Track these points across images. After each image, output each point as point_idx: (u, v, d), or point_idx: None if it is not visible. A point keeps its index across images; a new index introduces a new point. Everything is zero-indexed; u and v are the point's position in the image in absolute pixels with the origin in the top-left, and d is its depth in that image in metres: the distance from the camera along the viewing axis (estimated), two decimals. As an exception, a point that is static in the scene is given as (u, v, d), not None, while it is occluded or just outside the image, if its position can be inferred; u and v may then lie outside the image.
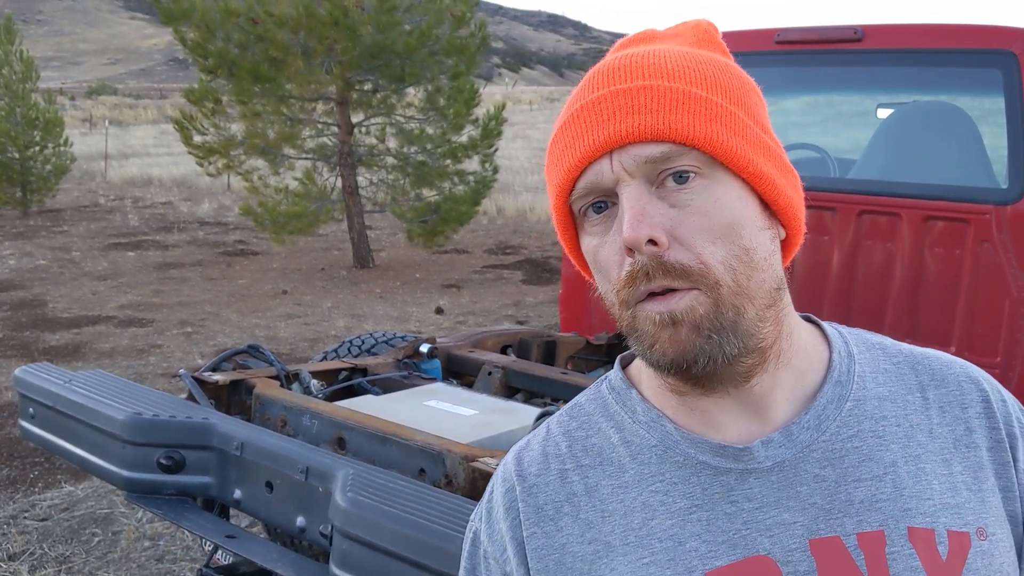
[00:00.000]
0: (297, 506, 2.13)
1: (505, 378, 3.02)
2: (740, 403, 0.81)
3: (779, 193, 0.80)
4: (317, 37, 10.25)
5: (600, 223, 0.79)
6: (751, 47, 3.85)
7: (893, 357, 0.88)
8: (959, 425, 0.83)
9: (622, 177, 0.75)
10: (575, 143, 0.78)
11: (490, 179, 12.05)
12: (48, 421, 2.58)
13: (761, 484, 0.78)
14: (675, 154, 0.75)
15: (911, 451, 0.81)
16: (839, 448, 0.80)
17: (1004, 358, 3.23)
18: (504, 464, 0.90)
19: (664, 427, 0.82)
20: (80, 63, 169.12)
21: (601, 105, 0.77)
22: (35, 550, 4.08)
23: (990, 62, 3.30)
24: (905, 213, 3.39)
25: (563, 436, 0.87)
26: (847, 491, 0.78)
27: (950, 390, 0.85)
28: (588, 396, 0.91)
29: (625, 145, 0.75)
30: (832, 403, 0.82)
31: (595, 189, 0.77)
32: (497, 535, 0.86)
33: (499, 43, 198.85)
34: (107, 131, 26.96)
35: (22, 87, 16.56)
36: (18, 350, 7.60)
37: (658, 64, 0.78)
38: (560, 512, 0.83)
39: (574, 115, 0.79)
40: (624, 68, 0.79)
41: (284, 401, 2.58)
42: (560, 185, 0.80)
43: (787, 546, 0.76)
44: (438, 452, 2.18)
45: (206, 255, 12.71)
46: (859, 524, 0.77)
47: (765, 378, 0.80)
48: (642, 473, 0.81)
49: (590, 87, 0.80)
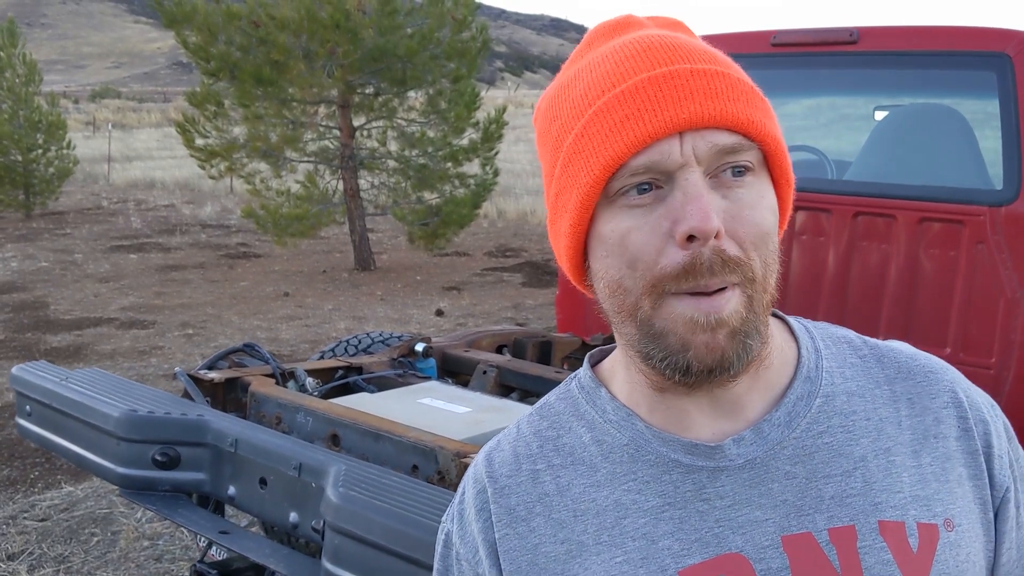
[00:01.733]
0: (290, 502, 2.14)
1: (500, 377, 3.03)
2: (716, 402, 0.80)
3: (790, 201, 0.82)
4: (319, 40, 10.28)
5: (640, 205, 0.74)
6: (747, 49, 3.86)
7: (859, 351, 0.87)
8: (927, 416, 0.83)
9: (690, 161, 0.72)
10: (641, 116, 0.72)
11: (491, 182, 12.07)
12: (44, 419, 2.59)
13: (733, 482, 0.78)
14: (743, 147, 0.74)
15: (881, 444, 0.81)
16: (809, 445, 0.80)
17: (999, 359, 3.24)
18: (475, 465, 0.89)
19: (635, 426, 0.82)
20: (84, 66, 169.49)
21: (676, 81, 0.73)
22: (34, 550, 4.10)
23: (985, 64, 3.31)
24: (900, 214, 3.39)
25: (534, 436, 0.86)
26: (817, 487, 0.78)
27: (917, 382, 0.85)
28: (557, 395, 0.89)
29: (701, 129, 0.72)
30: (802, 400, 0.82)
31: (654, 168, 0.73)
32: (469, 537, 0.85)
33: (502, 47, 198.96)
34: (110, 134, 27.05)
35: (25, 90, 16.63)
36: (20, 351, 7.62)
37: (710, 52, 0.76)
38: (532, 513, 0.82)
39: (637, 87, 0.73)
40: (683, 47, 0.75)
41: (279, 398, 2.59)
42: (612, 157, 0.73)
43: (759, 543, 0.76)
44: (431, 448, 2.19)
45: (208, 257, 12.74)
46: (830, 520, 0.77)
47: (746, 378, 0.79)
48: (614, 472, 0.81)
49: (647, 60, 0.75)
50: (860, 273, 3.51)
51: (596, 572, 0.78)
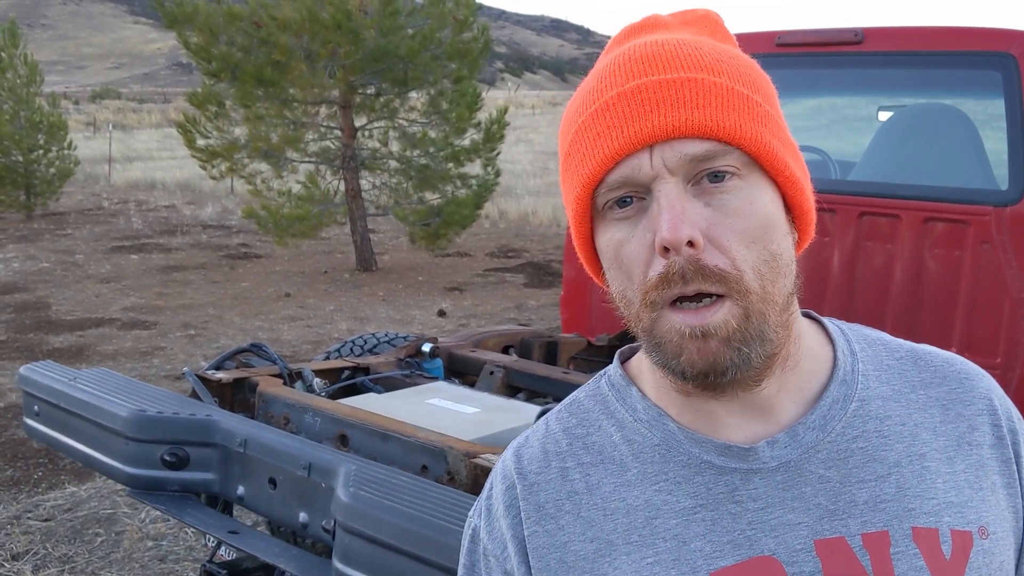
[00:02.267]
0: (300, 502, 2.14)
1: (507, 377, 3.03)
2: (746, 405, 0.80)
3: (805, 197, 0.79)
4: (320, 41, 10.28)
5: (625, 217, 0.75)
6: (751, 50, 3.84)
7: (895, 352, 0.87)
8: (962, 423, 0.83)
9: (661, 174, 0.72)
10: (611, 133, 0.74)
11: (492, 183, 12.08)
12: (52, 418, 2.59)
13: (766, 484, 0.78)
14: (718, 153, 0.73)
15: (915, 450, 0.80)
16: (843, 449, 0.79)
17: (1004, 359, 3.24)
18: (503, 461, 0.88)
19: (667, 426, 0.81)
20: (84, 67, 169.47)
21: (643, 95, 0.73)
22: (38, 550, 4.10)
23: (990, 64, 3.31)
24: (905, 215, 3.40)
25: (563, 433, 0.86)
26: (851, 492, 0.78)
27: (952, 388, 0.84)
28: (587, 392, 0.89)
29: (668, 140, 0.72)
30: (838, 403, 0.81)
31: (628, 183, 0.74)
32: (497, 533, 0.85)
33: (502, 47, 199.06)
34: (111, 135, 27.06)
35: (26, 91, 16.63)
36: (22, 352, 7.62)
37: (696, 56, 0.75)
38: (561, 510, 0.82)
39: (608, 103, 0.74)
40: (659, 57, 0.75)
41: (287, 399, 2.59)
42: (589, 176, 0.75)
43: (792, 547, 0.76)
44: (440, 449, 2.19)
45: (209, 258, 12.74)
46: (863, 524, 0.76)
47: (772, 381, 0.79)
48: (645, 472, 0.80)
49: (623, 74, 0.75)
50: (865, 273, 3.51)
51: (626, 572, 0.78)
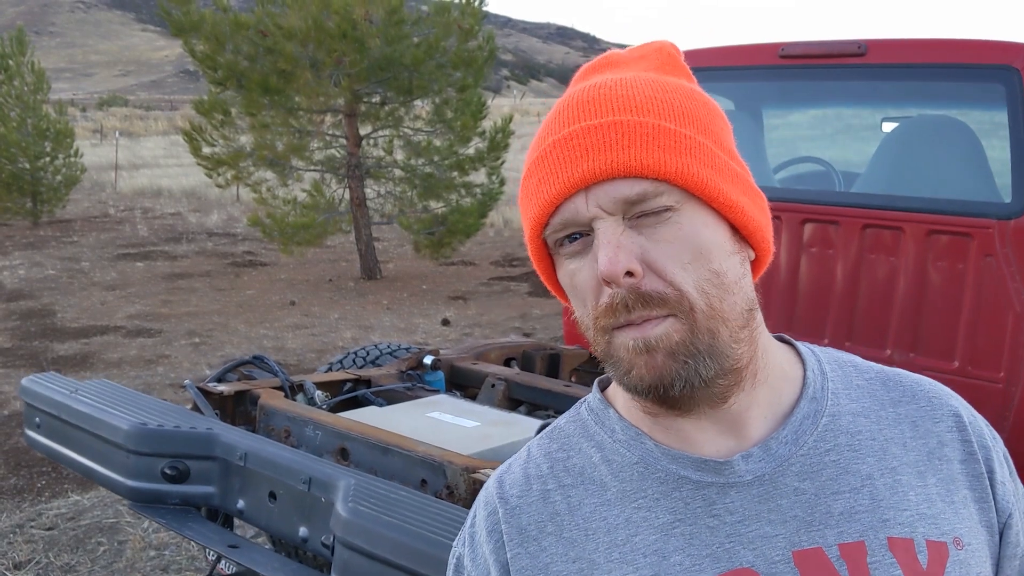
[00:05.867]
0: (300, 516, 2.14)
1: (508, 390, 3.03)
2: (716, 422, 0.82)
3: (748, 219, 0.81)
4: (326, 50, 10.32)
5: (575, 252, 0.80)
6: (755, 61, 3.87)
7: (864, 374, 0.89)
8: (931, 438, 0.85)
9: (598, 214, 0.76)
10: (549, 179, 0.79)
11: (497, 191, 12.08)
12: (54, 430, 2.60)
13: (742, 497, 0.79)
14: (650, 193, 0.76)
15: (887, 463, 0.82)
16: (817, 462, 0.81)
17: (1007, 373, 3.23)
18: (486, 489, 0.90)
19: (644, 444, 0.83)
20: (91, 74, 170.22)
21: (573, 142, 0.78)
22: (41, 559, 4.10)
23: (993, 77, 3.31)
24: (908, 227, 3.39)
25: (544, 458, 0.88)
26: (826, 503, 0.79)
27: (920, 405, 0.87)
28: (568, 419, 0.91)
29: (600, 182, 0.76)
30: (808, 418, 0.83)
31: (570, 224, 0.79)
32: (480, 559, 0.86)
33: (508, 55, 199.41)
34: (117, 142, 27.14)
35: (33, 98, 16.69)
36: (27, 360, 7.64)
37: (626, 97, 0.79)
38: (543, 532, 0.83)
39: (546, 151, 0.80)
40: (592, 102, 0.79)
41: (288, 412, 2.60)
42: (535, 219, 0.81)
43: (770, 558, 0.77)
44: (439, 463, 2.19)
45: (215, 266, 12.77)
46: (840, 535, 0.78)
47: (742, 397, 0.81)
48: (624, 490, 0.82)
49: (560, 121, 0.80)
50: (868, 286, 3.51)
51: None
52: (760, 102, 4.37)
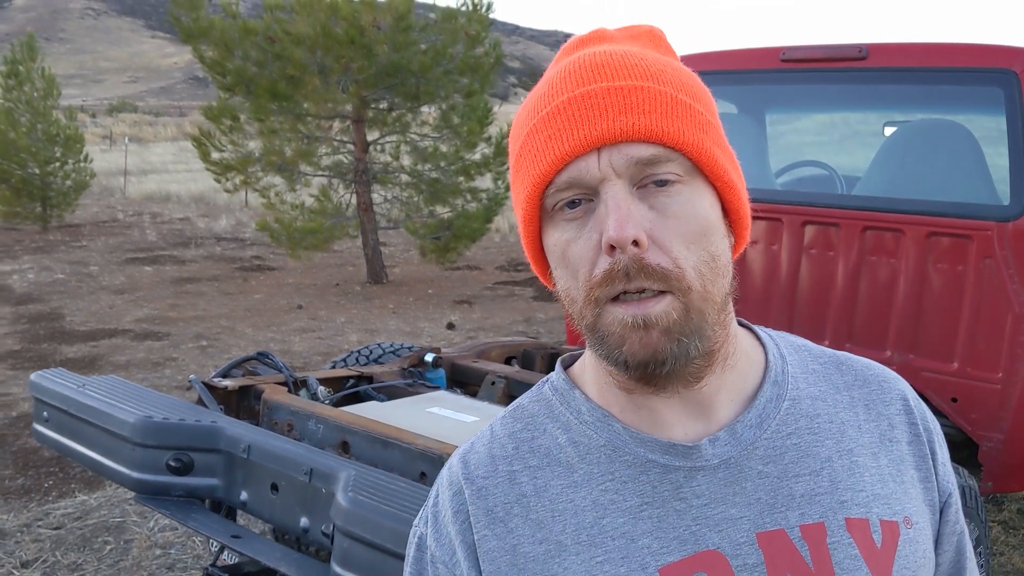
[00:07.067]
0: (301, 507, 2.17)
1: (508, 388, 3.06)
2: (687, 402, 0.82)
3: (741, 203, 0.83)
4: (334, 56, 10.38)
5: (574, 218, 0.78)
6: (756, 65, 3.90)
7: (819, 358, 0.91)
8: (883, 421, 0.88)
9: (608, 175, 0.75)
10: (561, 135, 0.77)
11: (502, 196, 12.12)
12: (61, 424, 2.64)
13: (709, 481, 0.80)
14: (663, 158, 0.76)
15: (844, 445, 0.85)
16: (779, 445, 0.83)
17: (1006, 374, 3.25)
18: (449, 467, 0.89)
19: (612, 426, 0.83)
20: (101, 81, 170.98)
21: (592, 100, 0.76)
22: (48, 558, 4.14)
23: (992, 80, 3.33)
24: (908, 229, 3.41)
25: (508, 438, 0.87)
26: (788, 486, 0.81)
27: (872, 389, 0.90)
28: (530, 398, 0.91)
29: (616, 143, 0.75)
30: (771, 402, 0.85)
31: (577, 184, 0.77)
32: (445, 539, 0.85)
33: (516, 62, 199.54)
34: (127, 148, 27.29)
35: (43, 104, 16.81)
36: (35, 362, 7.70)
37: (641, 65, 0.79)
38: (510, 513, 0.83)
39: (559, 107, 0.78)
40: (606, 65, 0.78)
41: (291, 406, 2.63)
42: (539, 176, 0.78)
43: (735, 540, 0.79)
44: (438, 456, 2.22)
45: (223, 270, 12.83)
46: (801, 517, 0.80)
47: (712, 379, 0.82)
48: (591, 472, 0.82)
49: (572, 81, 0.79)
50: (869, 287, 3.53)
51: (576, 571, 0.79)
52: (762, 106, 4.40)
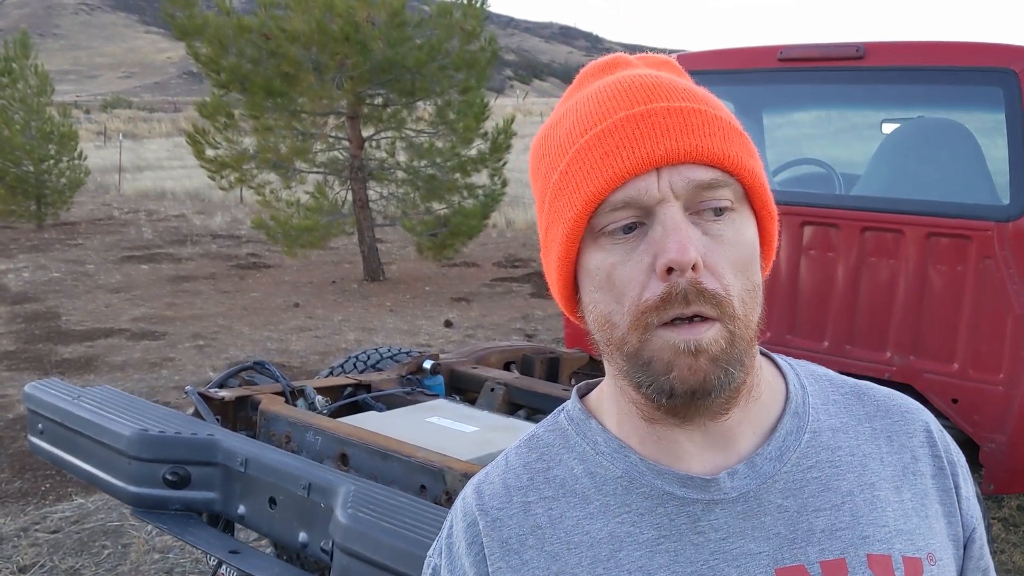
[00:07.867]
0: (300, 522, 2.16)
1: (508, 395, 3.04)
2: (709, 434, 0.81)
3: (775, 234, 0.82)
4: (329, 52, 10.34)
5: (625, 242, 0.76)
6: (754, 64, 3.88)
7: (840, 388, 0.90)
8: (905, 453, 0.86)
9: (667, 196, 0.74)
10: (620, 153, 0.75)
11: (499, 192, 12.10)
12: (57, 437, 2.62)
13: (727, 515, 0.79)
14: (720, 183, 0.75)
15: (865, 479, 0.83)
16: (799, 479, 0.81)
17: (1007, 375, 3.24)
18: (464, 498, 0.88)
19: (628, 457, 0.82)
20: (95, 76, 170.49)
21: (652, 119, 0.75)
22: (45, 562, 4.12)
23: (991, 80, 3.32)
24: (908, 230, 3.40)
25: (523, 468, 0.86)
26: (808, 520, 0.79)
27: (895, 420, 0.88)
28: (546, 427, 0.89)
29: (676, 164, 0.74)
30: (792, 434, 0.83)
31: (633, 203, 0.75)
32: (459, 571, 0.84)
33: (511, 55, 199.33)
34: (121, 144, 27.22)
35: (37, 101, 16.74)
36: (31, 363, 7.67)
37: (691, 90, 0.78)
38: (525, 545, 0.82)
39: (617, 124, 0.76)
40: (661, 87, 0.78)
41: (289, 417, 2.61)
42: (593, 193, 0.76)
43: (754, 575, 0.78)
44: (439, 469, 2.21)
45: (219, 268, 12.80)
46: (821, 552, 0.78)
47: (737, 411, 0.81)
48: (607, 504, 0.81)
49: (627, 99, 0.77)
50: (868, 288, 3.51)
51: None
52: (760, 104, 4.38)
